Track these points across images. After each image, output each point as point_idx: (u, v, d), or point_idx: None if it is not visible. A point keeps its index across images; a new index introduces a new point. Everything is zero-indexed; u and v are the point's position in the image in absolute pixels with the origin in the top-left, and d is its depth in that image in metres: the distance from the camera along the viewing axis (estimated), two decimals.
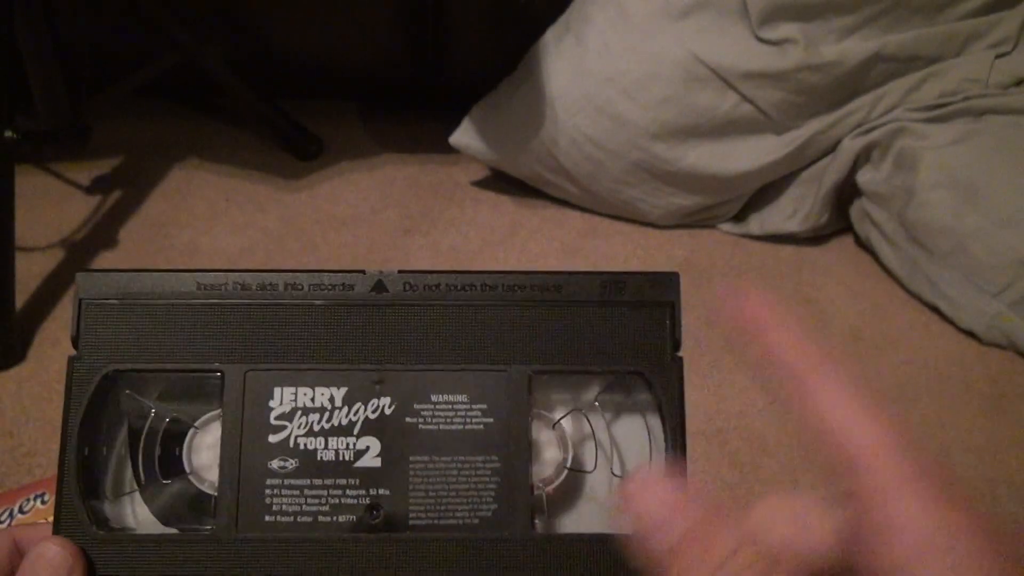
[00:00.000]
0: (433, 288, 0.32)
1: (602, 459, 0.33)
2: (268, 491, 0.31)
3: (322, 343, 0.32)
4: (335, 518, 0.31)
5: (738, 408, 0.80)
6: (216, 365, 0.32)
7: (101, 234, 1.01)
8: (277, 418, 0.31)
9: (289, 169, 1.12)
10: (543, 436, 0.33)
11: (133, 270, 0.33)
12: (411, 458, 0.31)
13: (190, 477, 0.32)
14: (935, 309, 0.91)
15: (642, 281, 0.33)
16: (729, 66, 0.94)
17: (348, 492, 0.31)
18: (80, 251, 0.98)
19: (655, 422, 0.32)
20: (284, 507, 0.31)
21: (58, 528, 0.30)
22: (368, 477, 0.31)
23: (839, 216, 1.02)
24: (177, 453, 0.33)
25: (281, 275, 0.32)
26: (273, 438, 0.31)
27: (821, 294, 0.95)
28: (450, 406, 0.32)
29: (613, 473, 0.33)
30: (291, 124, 1.14)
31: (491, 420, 0.32)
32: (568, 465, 0.33)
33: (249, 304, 0.32)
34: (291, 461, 0.31)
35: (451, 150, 1.07)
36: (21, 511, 0.63)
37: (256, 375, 0.32)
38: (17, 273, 0.86)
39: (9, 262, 0.85)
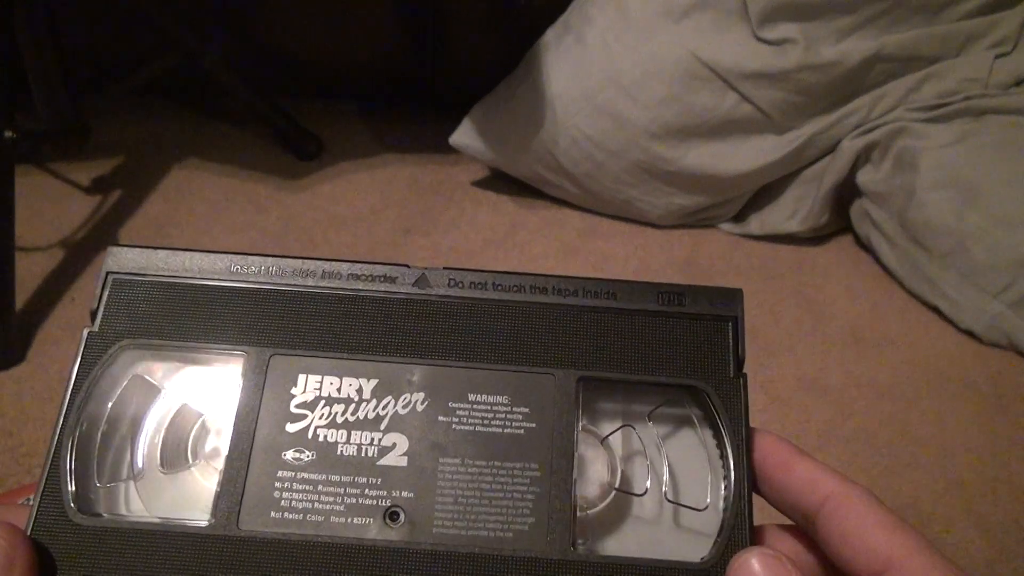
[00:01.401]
0: (479, 286, 0.31)
1: (653, 482, 0.30)
2: (278, 484, 0.28)
3: (357, 333, 0.30)
4: (350, 519, 0.28)
5: None
6: (241, 347, 0.30)
7: (101, 234, 1.01)
8: (298, 406, 0.29)
9: (289, 169, 1.12)
10: (589, 452, 0.30)
11: (166, 248, 0.32)
12: (441, 460, 0.29)
13: (193, 468, 0.31)
14: (935, 309, 0.91)
15: (702, 294, 0.31)
16: (729, 66, 0.94)
17: (368, 492, 0.28)
18: (80, 251, 0.98)
19: (713, 444, 0.30)
20: (294, 503, 0.28)
21: (38, 508, 0.28)
22: (391, 477, 0.28)
23: (839, 216, 1.02)
24: (183, 441, 0.31)
25: (320, 263, 0.31)
26: (291, 427, 0.29)
27: (821, 294, 0.95)
28: (489, 407, 0.29)
29: (666, 498, 0.30)
30: (291, 124, 1.14)
31: (533, 425, 0.29)
32: (616, 486, 0.30)
33: (284, 290, 0.31)
34: (308, 453, 0.29)
35: (451, 150, 1.07)
36: None
37: (281, 359, 0.30)
38: (17, 273, 0.86)
39: (9, 262, 0.85)
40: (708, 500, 0.30)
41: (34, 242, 0.98)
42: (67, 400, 0.29)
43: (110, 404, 0.30)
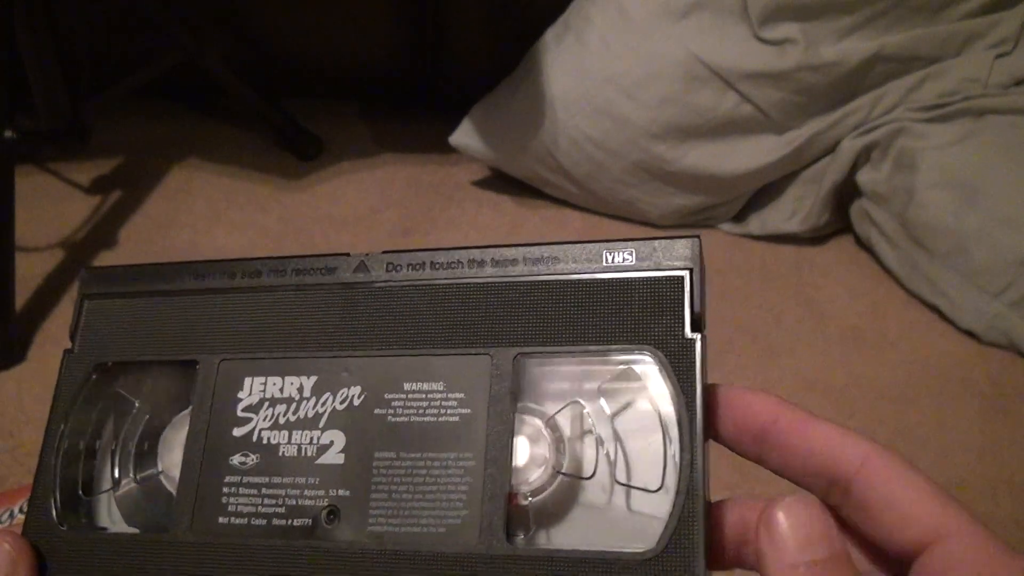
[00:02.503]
0: (417, 267, 0.29)
1: (603, 462, 0.28)
2: (226, 489, 0.28)
3: (297, 329, 0.30)
4: (290, 521, 0.27)
5: None
6: (193, 356, 0.30)
7: (101, 234, 1.01)
8: (244, 410, 0.29)
9: (289, 169, 1.12)
10: (532, 433, 0.28)
11: (134, 266, 0.32)
12: (376, 455, 0.27)
13: (160, 476, 0.31)
14: (935, 309, 0.91)
15: (655, 247, 0.28)
16: (729, 66, 0.94)
17: (307, 492, 0.28)
18: (80, 251, 0.98)
19: (671, 417, 0.27)
20: (240, 508, 0.28)
21: (28, 520, 0.29)
22: (329, 476, 0.28)
23: (839, 216, 1.02)
24: (151, 451, 0.31)
25: (266, 262, 0.31)
26: (238, 431, 0.29)
27: (821, 294, 0.95)
28: (424, 396, 0.28)
29: (616, 481, 0.27)
30: (291, 124, 1.14)
31: (468, 411, 0.27)
32: (563, 470, 0.28)
33: (235, 292, 0.31)
34: (252, 457, 0.29)
35: (451, 150, 1.07)
36: (21, 511, 0.63)
37: (229, 364, 0.30)
38: (17, 273, 0.86)
39: (9, 262, 0.85)
40: (663, 480, 0.27)
41: (34, 242, 0.98)
42: (51, 420, 0.31)
43: (91, 421, 0.31)
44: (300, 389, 0.29)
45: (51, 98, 0.89)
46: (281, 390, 0.29)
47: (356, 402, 0.28)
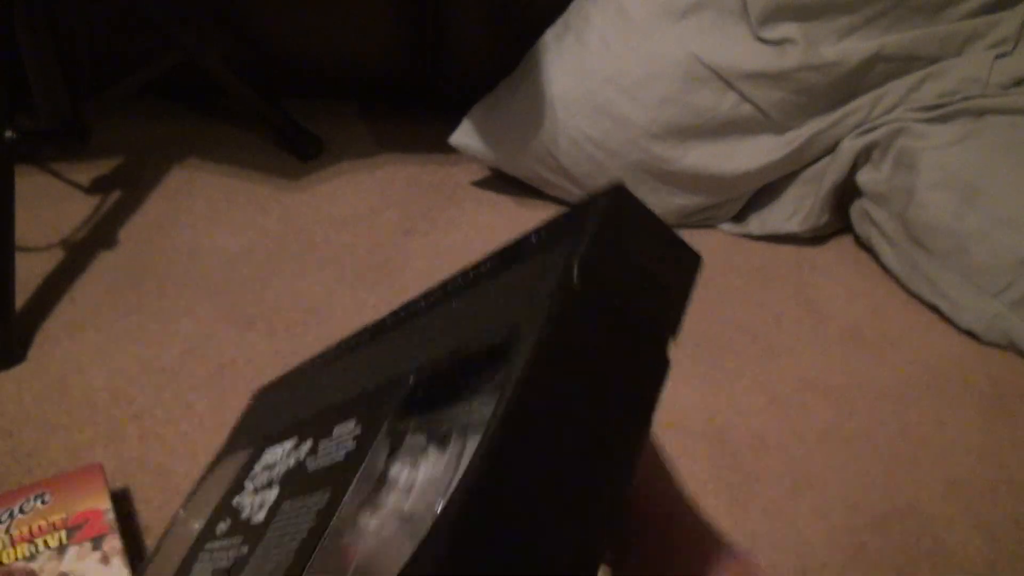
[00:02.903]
0: (381, 324, 0.29)
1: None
2: (202, 555, 0.29)
3: (300, 404, 0.31)
4: None
5: (738, 408, 0.81)
6: (252, 448, 0.32)
7: (101, 234, 1.01)
8: (248, 479, 0.30)
9: (289, 169, 1.12)
10: (401, 468, 0.22)
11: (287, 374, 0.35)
12: (281, 505, 0.25)
13: None
14: (935, 309, 0.91)
15: (559, 218, 0.22)
16: (729, 66, 0.94)
17: (227, 552, 0.26)
18: (80, 251, 0.98)
19: None
20: (196, 572, 0.28)
21: None
22: (246, 533, 0.26)
23: (839, 216, 1.02)
24: None
25: (341, 342, 0.32)
26: (234, 501, 0.29)
27: (821, 294, 0.95)
28: (340, 436, 0.25)
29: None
30: (291, 124, 1.14)
31: (352, 447, 0.23)
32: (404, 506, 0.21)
33: (306, 379, 0.33)
34: (228, 523, 0.29)
35: (451, 150, 1.07)
36: (21, 511, 0.63)
37: (261, 445, 0.31)
38: (17, 273, 0.86)
39: (9, 262, 0.85)
40: None
41: (34, 242, 0.98)
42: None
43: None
44: (283, 456, 0.28)
45: (51, 98, 0.89)
46: (275, 455, 0.29)
47: (303, 456, 0.26)
